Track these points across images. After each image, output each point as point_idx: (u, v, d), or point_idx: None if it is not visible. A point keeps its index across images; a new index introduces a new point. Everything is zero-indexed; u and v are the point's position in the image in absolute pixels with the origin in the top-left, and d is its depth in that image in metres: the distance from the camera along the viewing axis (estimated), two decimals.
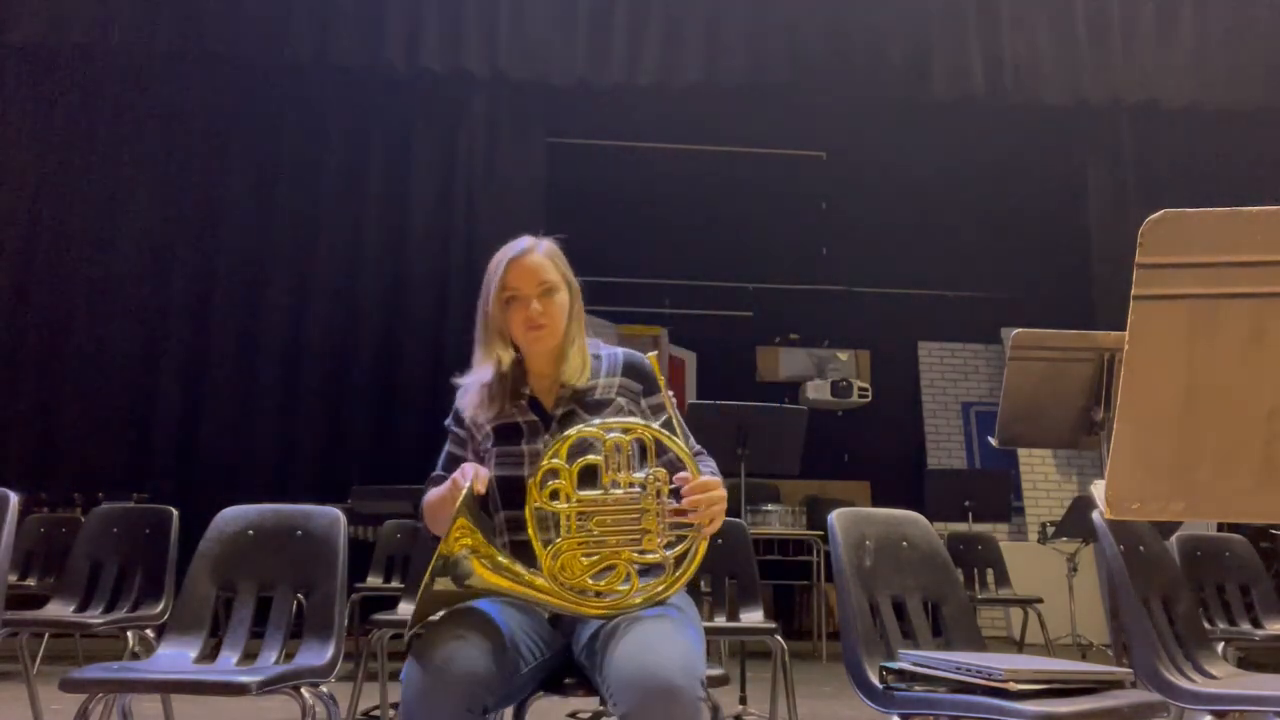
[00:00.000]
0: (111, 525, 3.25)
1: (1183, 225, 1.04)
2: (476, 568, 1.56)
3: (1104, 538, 2.12)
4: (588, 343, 1.89)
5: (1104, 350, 2.49)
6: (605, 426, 1.66)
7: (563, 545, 1.60)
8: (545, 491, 1.62)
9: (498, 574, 1.59)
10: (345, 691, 3.43)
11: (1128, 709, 1.64)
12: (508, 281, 1.79)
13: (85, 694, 2.00)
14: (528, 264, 1.80)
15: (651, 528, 1.61)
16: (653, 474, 1.63)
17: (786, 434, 4.09)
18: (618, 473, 1.63)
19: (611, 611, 1.60)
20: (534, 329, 1.78)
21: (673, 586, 1.63)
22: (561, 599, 1.60)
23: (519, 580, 1.60)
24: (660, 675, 1.44)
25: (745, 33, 6.60)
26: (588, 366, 1.85)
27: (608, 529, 1.61)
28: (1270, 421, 1.02)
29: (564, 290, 1.83)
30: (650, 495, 1.61)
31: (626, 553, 1.61)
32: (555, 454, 1.64)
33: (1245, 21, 6.80)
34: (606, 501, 1.62)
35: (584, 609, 1.61)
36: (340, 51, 6.53)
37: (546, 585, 1.60)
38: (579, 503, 1.61)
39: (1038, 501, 8.44)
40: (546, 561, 1.59)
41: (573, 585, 1.60)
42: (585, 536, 1.60)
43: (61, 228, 6.69)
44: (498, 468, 1.77)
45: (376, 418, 6.71)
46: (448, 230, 7.01)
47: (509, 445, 1.80)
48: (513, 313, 1.79)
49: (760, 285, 8.56)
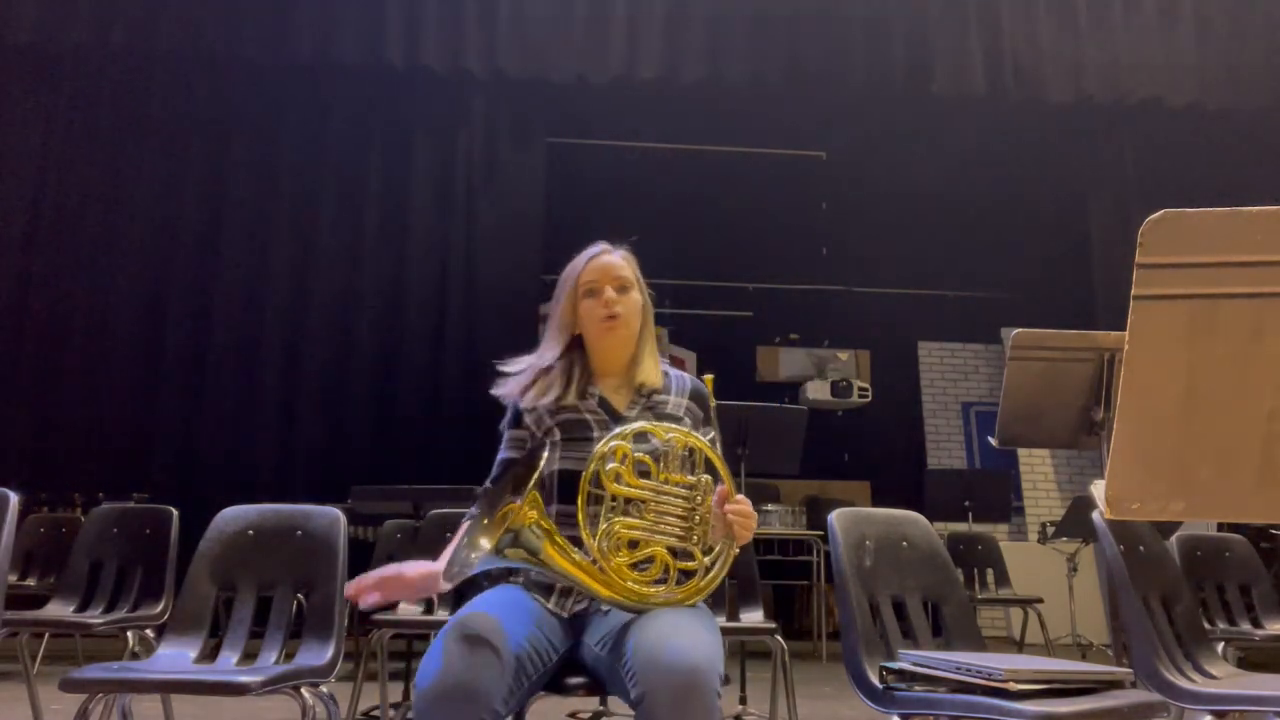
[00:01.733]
0: (111, 525, 3.26)
1: (1183, 225, 1.04)
2: (546, 546, 1.57)
3: (1104, 538, 2.12)
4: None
5: (1104, 350, 2.49)
6: (665, 429, 1.73)
7: (612, 527, 1.63)
8: (609, 472, 1.65)
9: (563, 556, 1.59)
10: (345, 691, 3.43)
11: (1128, 709, 1.64)
12: (586, 275, 1.87)
13: (85, 694, 2.00)
14: (607, 261, 1.89)
15: (695, 529, 1.67)
16: (703, 479, 1.69)
17: (786, 434, 4.09)
18: (670, 472, 1.69)
19: (638, 603, 1.63)
20: (609, 318, 1.84)
21: (702, 592, 1.68)
22: (597, 582, 1.61)
23: (570, 560, 1.60)
24: (687, 661, 1.45)
25: (745, 32, 6.60)
26: (660, 371, 1.91)
27: (657, 520, 1.66)
28: (1270, 422, 1.02)
29: (638, 291, 1.90)
30: (699, 498, 1.68)
31: (665, 549, 1.65)
32: (622, 437, 1.68)
33: (1246, 21, 6.80)
34: (663, 492, 1.67)
35: (617, 596, 1.62)
36: (340, 51, 6.53)
37: (588, 567, 1.61)
38: (636, 489, 1.66)
39: (1038, 501, 8.44)
40: (590, 541, 1.61)
41: (612, 569, 1.61)
42: (637, 524, 1.64)
43: (62, 227, 6.69)
44: (562, 461, 1.78)
45: (376, 418, 6.71)
46: (448, 230, 7.01)
47: (578, 440, 1.80)
48: (588, 305, 1.86)
49: (760, 285, 8.56)
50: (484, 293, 6.93)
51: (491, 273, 6.95)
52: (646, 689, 1.44)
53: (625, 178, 7.65)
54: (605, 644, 1.64)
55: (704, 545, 1.68)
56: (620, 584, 1.62)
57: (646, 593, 1.63)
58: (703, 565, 1.67)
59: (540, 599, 1.75)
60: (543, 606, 1.73)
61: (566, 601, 1.75)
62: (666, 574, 1.65)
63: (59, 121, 6.79)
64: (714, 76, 6.60)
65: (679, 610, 1.62)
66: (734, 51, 6.60)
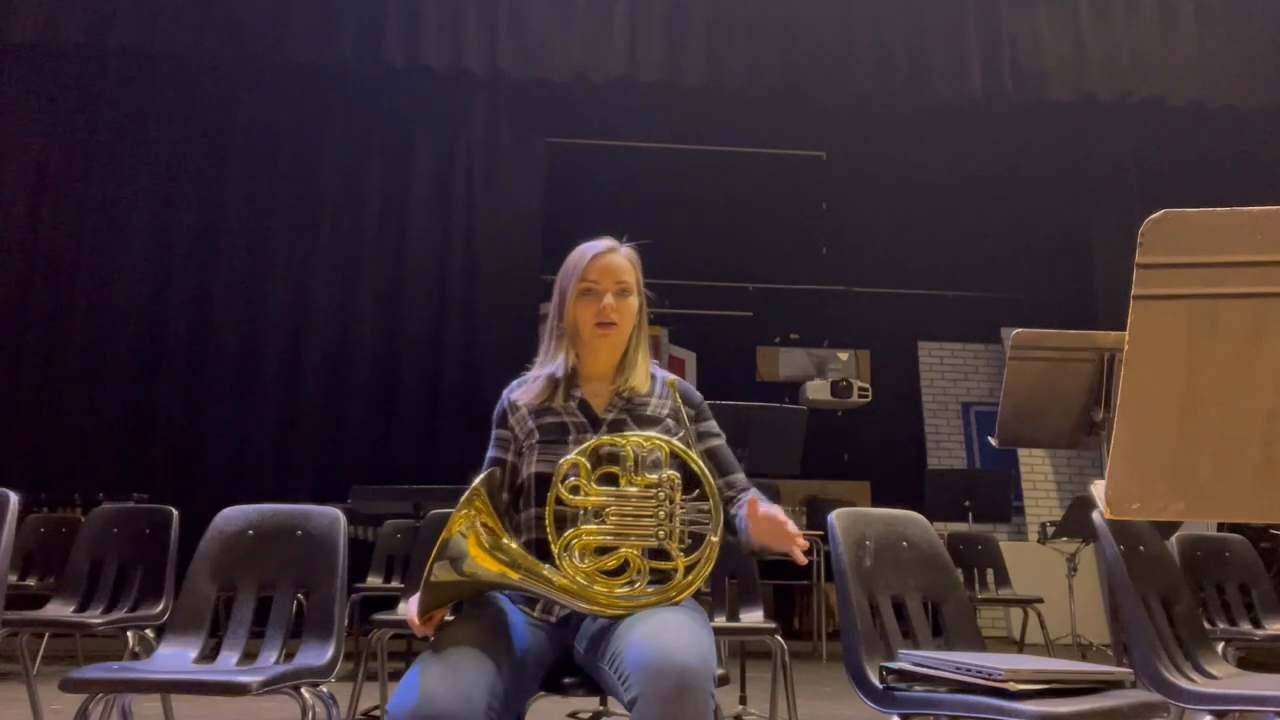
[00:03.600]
0: (111, 525, 3.25)
1: (1183, 225, 1.04)
2: (470, 547, 1.57)
3: (1104, 538, 2.12)
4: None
5: (1104, 350, 2.49)
6: (624, 438, 1.72)
7: (575, 536, 1.63)
8: (567, 485, 1.66)
9: (492, 555, 1.59)
10: (345, 691, 3.43)
11: (1128, 709, 1.64)
12: (587, 274, 1.84)
13: (85, 694, 2.00)
14: (610, 261, 1.85)
15: (664, 526, 1.65)
16: (668, 476, 1.67)
17: (786, 434, 4.08)
18: (634, 475, 1.68)
19: (615, 610, 1.61)
20: (604, 324, 1.82)
21: (683, 592, 1.66)
22: (567, 592, 1.61)
23: (517, 566, 1.61)
24: (679, 662, 1.44)
25: (745, 32, 6.60)
26: (648, 376, 1.89)
27: (622, 525, 1.65)
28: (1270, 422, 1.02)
29: (636, 296, 1.87)
30: (664, 496, 1.66)
31: (637, 550, 1.64)
32: (580, 453, 1.69)
33: (1247, 19, 6.79)
34: (622, 497, 1.66)
35: (588, 605, 1.62)
36: (340, 51, 6.53)
37: (554, 577, 1.61)
38: (595, 496, 1.66)
39: (1038, 501, 8.44)
40: (558, 551, 1.62)
41: (581, 578, 1.61)
42: (599, 530, 1.64)
43: (62, 227, 6.69)
44: (539, 464, 1.79)
45: (376, 418, 6.71)
46: (448, 230, 7.01)
47: (553, 443, 1.80)
48: (585, 305, 1.83)
49: (760, 285, 8.56)
50: (483, 292, 6.93)
51: (491, 273, 6.95)
52: (640, 691, 1.43)
53: (625, 178, 7.65)
54: (595, 646, 1.63)
55: (680, 543, 1.66)
56: (593, 595, 1.61)
57: (628, 602, 1.62)
58: (681, 564, 1.65)
59: (525, 609, 1.74)
60: (528, 617, 1.72)
61: (553, 606, 1.73)
62: (639, 576, 1.64)
63: (59, 121, 6.79)
64: (714, 76, 6.60)
65: (670, 610, 1.61)
66: (734, 51, 6.60)
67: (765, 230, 8.16)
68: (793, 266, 8.44)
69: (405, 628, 3.38)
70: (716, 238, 8.07)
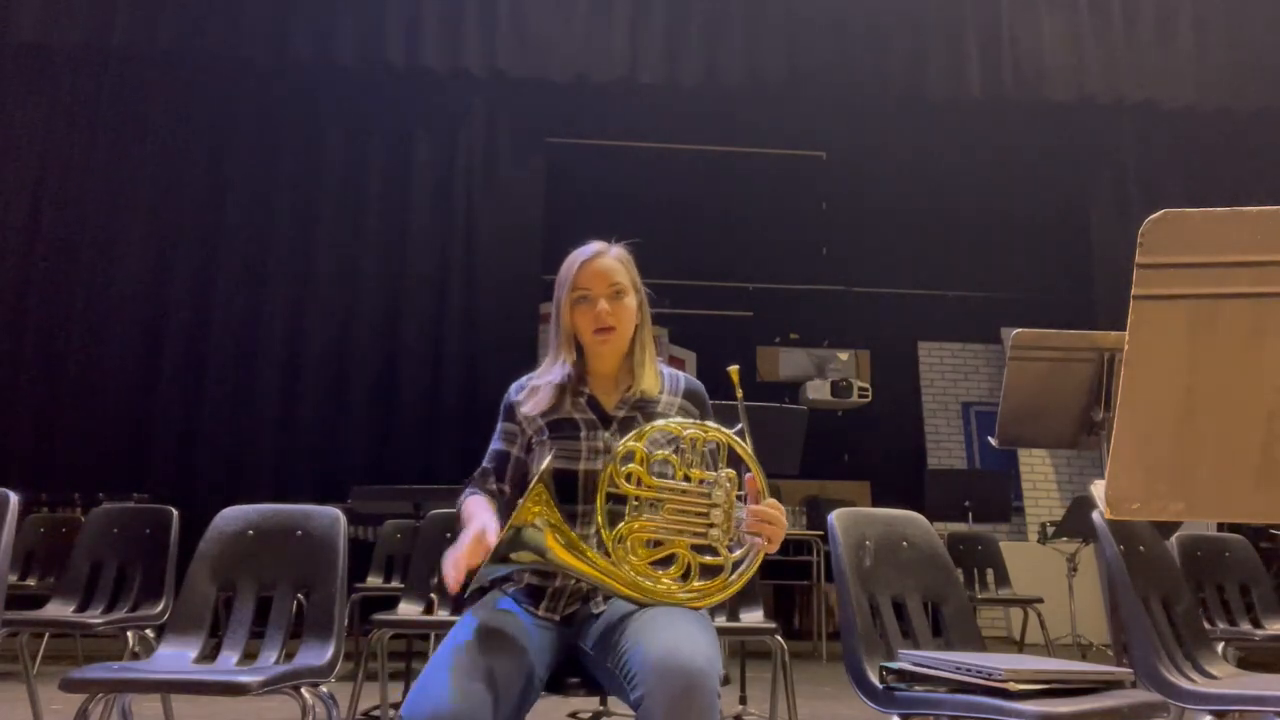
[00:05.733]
0: (111, 525, 3.26)
1: (1183, 225, 1.04)
2: (548, 542, 1.55)
3: (1104, 538, 2.12)
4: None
5: (1104, 350, 2.49)
6: (683, 425, 1.69)
7: (629, 529, 1.62)
8: (622, 473, 1.63)
9: (569, 551, 1.57)
10: (345, 691, 3.43)
11: (1128, 709, 1.64)
12: (578, 282, 1.82)
13: (85, 694, 2.00)
14: (599, 266, 1.83)
15: (719, 525, 1.64)
16: (725, 473, 1.66)
17: (786, 434, 4.08)
18: (690, 468, 1.66)
19: (658, 602, 1.62)
20: (602, 330, 1.81)
21: (727, 590, 1.66)
22: (616, 582, 1.60)
23: (583, 558, 1.59)
24: (688, 662, 1.44)
25: (745, 32, 6.60)
26: (657, 377, 1.88)
27: (676, 519, 1.63)
28: (1270, 422, 1.02)
29: (633, 295, 1.85)
30: (721, 493, 1.64)
31: (687, 545, 1.63)
32: (636, 438, 1.66)
33: (1244, 22, 6.80)
34: (679, 491, 1.64)
35: (636, 594, 1.61)
36: (340, 51, 6.53)
37: (605, 566, 1.60)
38: (652, 489, 1.63)
39: (1038, 501, 8.44)
40: (610, 543, 1.61)
41: (631, 569, 1.60)
42: (653, 523, 1.62)
43: (62, 227, 6.69)
44: (554, 460, 1.76)
45: (376, 418, 6.71)
46: (447, 230, 7.01)
47: (566, 439, 1.79)
48: (581, 313, 1.82)
49: (760, 285, 8.56)
50: (484, 292, 6.93)
51: (491, 272, 6.95)
52: (646, 691, 1.44)
53: (625, 178, 7.65)
54: (601, 646, 1.63)
55: (731, 541, 1.65)
56: (630, 577, 1.60)
57: (657, 589, 1.61)
58: (729, 562, 1.64)
59: (530, 608, 1.73)
60: (533, 617, 1.72)
61: (558, 605, 1.73)
62: (689, 571, 1.63)
63: (59, 121, 6.79)
64: (714, 76, 6.60)
65: (675, 611, 1.61)
66: (734, 51, 6.61)
67: (765, 230, 8.16)
68: (792, 266, 8.44)
69: (405, 628, 3.40)
70: (716, 238, 8.07)
